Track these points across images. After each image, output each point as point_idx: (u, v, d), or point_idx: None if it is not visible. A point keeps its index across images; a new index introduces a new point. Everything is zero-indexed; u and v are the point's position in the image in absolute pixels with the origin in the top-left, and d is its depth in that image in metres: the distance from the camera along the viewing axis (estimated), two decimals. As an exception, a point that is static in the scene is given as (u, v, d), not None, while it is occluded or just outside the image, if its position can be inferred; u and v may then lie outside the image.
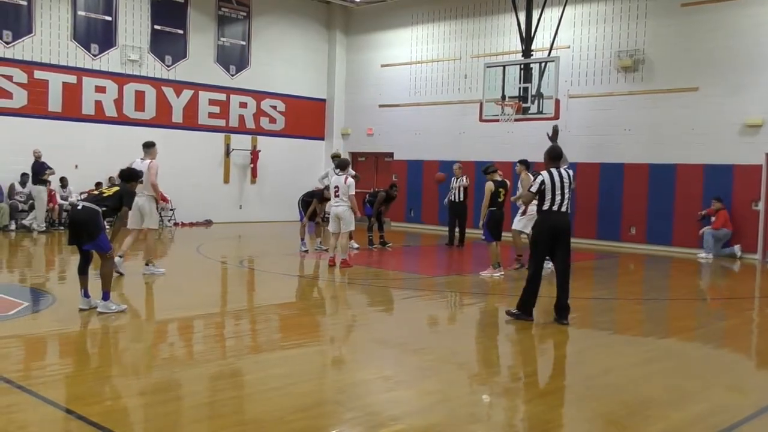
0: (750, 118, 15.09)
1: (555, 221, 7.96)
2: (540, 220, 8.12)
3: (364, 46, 22.35)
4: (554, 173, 7.99)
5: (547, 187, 7.93)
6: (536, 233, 8.12)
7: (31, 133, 16.72)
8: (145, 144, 10.80)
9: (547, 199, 7.94)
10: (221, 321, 8.05)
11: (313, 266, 12.43)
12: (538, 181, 7.99)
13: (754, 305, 10.44)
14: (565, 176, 8.00)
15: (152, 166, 10.37)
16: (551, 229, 7.94)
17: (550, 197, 7.93)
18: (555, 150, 8.33)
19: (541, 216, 8.10)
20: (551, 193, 7.92)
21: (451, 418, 4.89)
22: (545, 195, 7.95)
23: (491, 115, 16.11)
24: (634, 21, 16.81)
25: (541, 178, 8.00)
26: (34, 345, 6.59)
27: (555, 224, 7.95)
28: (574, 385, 5.77)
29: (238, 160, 20.88)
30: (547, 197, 7.94)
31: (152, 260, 10.57)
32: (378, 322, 8.40)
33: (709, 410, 5.15)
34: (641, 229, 16.68)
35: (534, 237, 8.19)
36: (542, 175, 8.02)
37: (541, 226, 8.06)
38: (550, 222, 7.96)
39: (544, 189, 7.94)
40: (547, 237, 7.95)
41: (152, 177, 10.32)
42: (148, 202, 10.36)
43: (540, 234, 8.02)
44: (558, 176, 7.96)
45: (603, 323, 8.62)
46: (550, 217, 7.96)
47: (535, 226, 8.24)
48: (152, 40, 18.95)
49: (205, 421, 4.65)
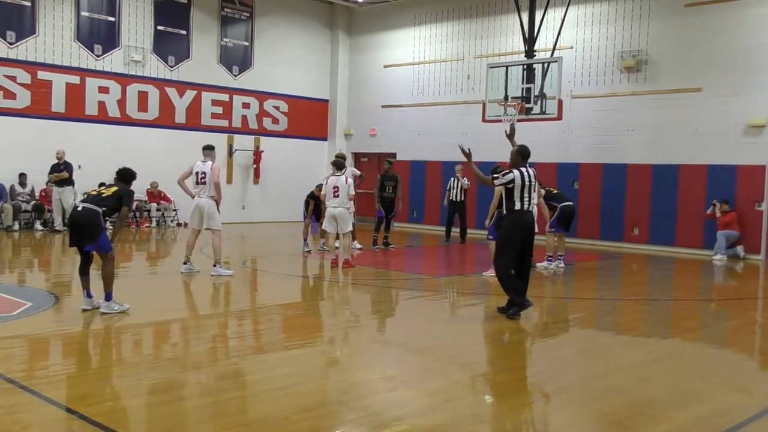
0: (754, 118, 15.06)
1: (526, 221, 8.07)
2: (512, 220, 8.13)
3: (367, 46, 22.35)
4: (524, 172, 8.07)
5: (517, 185, 7.99)
6: (508, 233, 8.12)
7: (35, 134, 16.76)
8: (205, 147, 10.93)
9: (516, 198, 8.02)
10: (224, 321, 8.05)
11: (316, 267, 12.43)
12: (509, 177, 8.01)
13: (758, 306, 10.41)
14: (532, 176, 8.12)
15: (215, 167, 10.51)
16: (524, 230, 8.05)
17: (519, 197, 8.00)
18: (525, 149, 8.39)
19: (512, 216, 8.11)
20: (521, 192, 7.99)
21: (454, 418, 4.88)
22: (514, 194, 8.01)
23: (494, 116, 16.09)
24: (638, 21, 16.78)
25: (512, 175, 8.03)
26: (37, 345, 6.59)
27: (526, 224, 8.07)
28: (578, 385, 5.76)
29: (241, 161, 20.90)
30: (517, 197, 8.01)
31: (220, 261, 10.61)
32: (381, 323, 8.40)
33: (713, 411, 5.14)
34: (644, 229, 16.65)
35: (505, 238, 8.18)
36: (513, 173, 8.04)
37: (513, 226, 8.10)
38: (522, 222, 8.05)
39: (513, 188, 7.99)
40: (519, 237, 8.04)
41: (216, 178, 10.43)
42: (209, 203, 10.46)
43: (512, 234, 8.07)
44: (527, 175, 8.06)
45: (606, 324, 8.60)
46: (521, 216, 8.05)
47: (507, 227, 8.22)
48: (155, 40, 18.97)
49: (209, 422, 4.65)
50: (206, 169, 10.47)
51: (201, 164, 10.59)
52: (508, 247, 8.07)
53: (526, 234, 8.07)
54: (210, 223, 10.51)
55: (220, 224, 10.67)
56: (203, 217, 10.51)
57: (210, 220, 10.50)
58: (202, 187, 10.49)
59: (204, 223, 10.55)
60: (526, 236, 8.07)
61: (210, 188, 10.45)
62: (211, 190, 10.47)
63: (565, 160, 17.71)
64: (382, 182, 14.97)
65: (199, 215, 10.53)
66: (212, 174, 10.43)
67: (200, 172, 10.53)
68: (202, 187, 10.49)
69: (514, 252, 8.09)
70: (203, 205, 10.45)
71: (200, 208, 10.47)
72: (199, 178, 10.53)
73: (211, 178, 10.42)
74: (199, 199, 10.50)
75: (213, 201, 10.50)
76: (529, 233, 8.09)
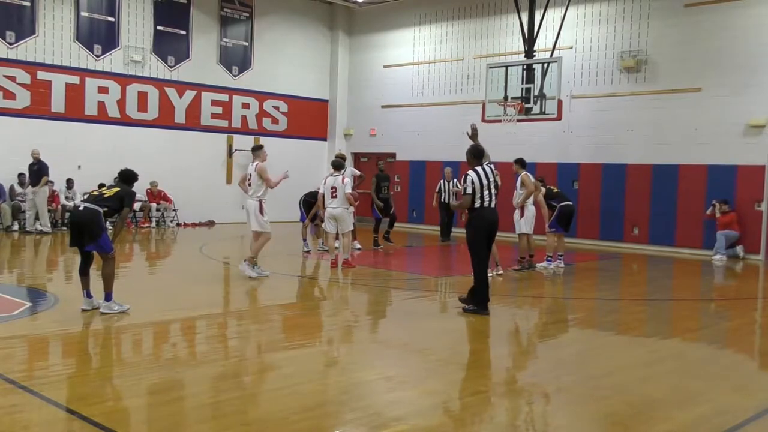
0: (753, 118, 15.06)
1: (489, 218, 8.29)
2: (475, 218, 8.34)
3: (367, 46, 22.36)
4: (480, 171, 8.27)
5: (476, 185, 8.19)
6: (473, 232, 8.34)
7: (34, 134, 16.76)
8: (254, 147, 11.08)
9: (477, 197, 8.22)
10: (224, 321, 8.05)
11: (316, 267, 12.43)
12: (469, 181, 8.24)
13: (758, 306, 10.41)
14: (489, 173, 8.30)
15: (258, 167, 10.47)
16: (489, 226, 8.29)
17: (479, 195, 8.20)
18: (477, 148, 8.59)
19: (474, 214, 8.33)
20: (480, 191, 8.20)
21: (454, 418, 4.88)
22: (475, 193, 8.20)
23: (494, 116, 16.10)
24: (637, 21, 16.78)
25: (470, 177, 8.24)
26: (37, 345, 6.59)
27: (490, 221, 8.29)
28: (578, 385, 5.75)
29: (240, 161, 20.86)
30: (477, 195, 8.21)
31: (251, 259, 10.60)
32: (380, 323, 8.41)
33: (713, 411, 5.14)
34: (644, 229, 16.65)
35: (471, 236, 8.39)
36: (470, 174, 8.27)
37: (476, 224, 8.31)
38: (485, 219, 8.26)
39: (474, 188, 8.15)
40: (484, 234, 8.29)
41: (266, 175, 10.43)
42: (254, 204, 10.48)
43: (478, 232, 8.29)
44: (484, 174, 8.25)
45: (607, 324, 8.60)
46: (483, 214, 8.25)
47: (471, 225, 8.42)
48: (155, 40, 18.98)
49: (209, 422, 4.65)
50: (252, 170, 10.56)
51: (250, 165, 10.72)
52: (478, 246, 8.34)
53: (491, 230, 8.34)
54: (255, 224, 10.51)
55: (266, 226, 10.61)
56: (251, 218, 10.56)
57: (255, 222, 10.51)
58: (249, 188, 10.55)
59: (252, 224, 10.58)
60: (491, 232, 8.35)
61: (256, 189, 10.45)
62: (258, 191, 10.45)
63: (565, 160, 17.71)
64: (378, 183, 15.01)
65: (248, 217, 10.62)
66: (256, 174, 10.44)
67: (248, 174, 10.66)
68: (250, 189, 10.55)
69: (484, 249, 8.37)
70: (249, 207, 10.55)
71: (247, 209, 10.59)
72: (247, 180, 10.64)
73: (255, 179, 10.43)
74: (247, 201, 10.62)
75: (258, 202, 10.47)
76: (492, 229, 8.35)
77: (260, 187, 10.47)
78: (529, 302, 9.97)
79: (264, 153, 10.79)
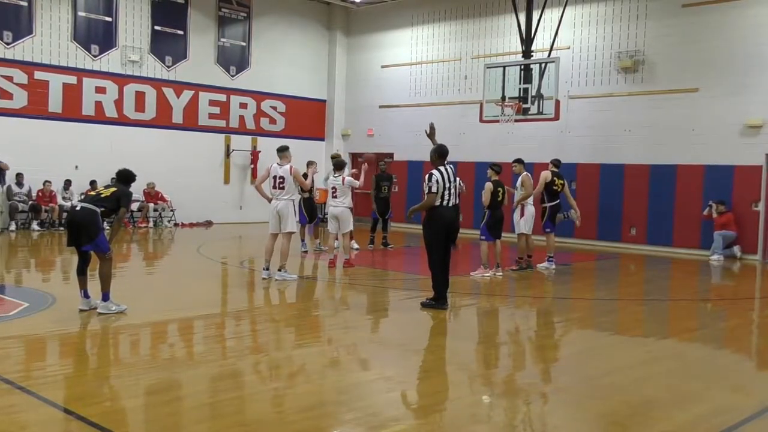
0: (750, 118, 15.07)
1: (448, 217, 8.38)
2: (433, 216, 8.43)
3: (365, 46, 22.35)
4: (443, 171, 8.39)
5: (440, 184, 8.28)
6: (432, 230, 8.44)
7: (32, 134, 16.73)
8: (279, 148, 10.61)
9: (438, 196, 8.31)
10: (222, 321, 8.04)
11: (314, 267, 12.43)
12: (435, 180, 8.32)
13: (755, 306, 10.42)
14: (451, 173, 8.43)
15: (295, 171, 10.32)
16: (447, 225, 8.38)
17: (440, 195, 8.30)
18: (442, 148, 8.73)
19: (433, 212, 8.41)
20: (442, 190, 8.30)
21: (452, 418, 4.88)
22: (438, 192, 8.30)
23: (491, 116, 16.08)
24: (635, 22, 16.80)
25: (435, 177, 8.33)
26: (34, 346, 6.57)
27: (449, 220, 8.39)
28: (576, 385, 5.75)
29: (238, 161, 20.88)
30: (438, 195, 8.30)
31: (285, 266, 10.46)
32: (379, 323, 8.40)
33: (711, 411, 5.14)
34: (642, 229, 16.66)
35: (430, 237, 8.49)
36: (435, 174, 8.36)
37: (435, 222, 8.41)
38: (444, 218, 8.37)
39: (438, 187, 8.27)
40: (443, 233, 8.39)
41: (299, 177, 10.35)
42: (287, 205, 10.29)
43: (436, 231, 8.40)
44: (446, 173, 8.37)
45: (604, 324, 8.60)
46: (443, 213, 8.36)
47: (429, 224, 8.50)
48: (152, 40, 18.95)
49: (207, 422, 4.64)
50: (284, 173, 10.22)
51: (278, 167, 10.33)
52: (436, 245, 8.44)
53: (450, 229, 8.42)
54: (286, 226, 10.32)
55: (295, 227, 10.56)
56: (281, 220, 10.31)
57: (287, 223, 10.30)
58: (280, 191, 10.25)
59: (281, 226, 10.36)
60: (450, 231, 8.42)
61: (290, 191, 10.27)
62: (292, 191, 10.32)
63: (563, 160, 17.55)
64: (378, 183, 15.00)
65: (278, 219, 10.31)
66: (291, 177, 10.22)
67: (278, 176, 10.26)
68: (280, 192, 10.25)
69: (442, 248, 8.47)
70: (281, 209, 10.24)
71: (279, 211, 10.24)
72: (278, 182, 10.26)
73: (291, 182, 10.22)
74: (278, 203, 10.25)
75: (291, 203, 10.35)
76: (451, 228, 8.43)
77: (294, 188, 10.38)
78: (527, 302, 9.97)
79: (290, 154, 10.55)
